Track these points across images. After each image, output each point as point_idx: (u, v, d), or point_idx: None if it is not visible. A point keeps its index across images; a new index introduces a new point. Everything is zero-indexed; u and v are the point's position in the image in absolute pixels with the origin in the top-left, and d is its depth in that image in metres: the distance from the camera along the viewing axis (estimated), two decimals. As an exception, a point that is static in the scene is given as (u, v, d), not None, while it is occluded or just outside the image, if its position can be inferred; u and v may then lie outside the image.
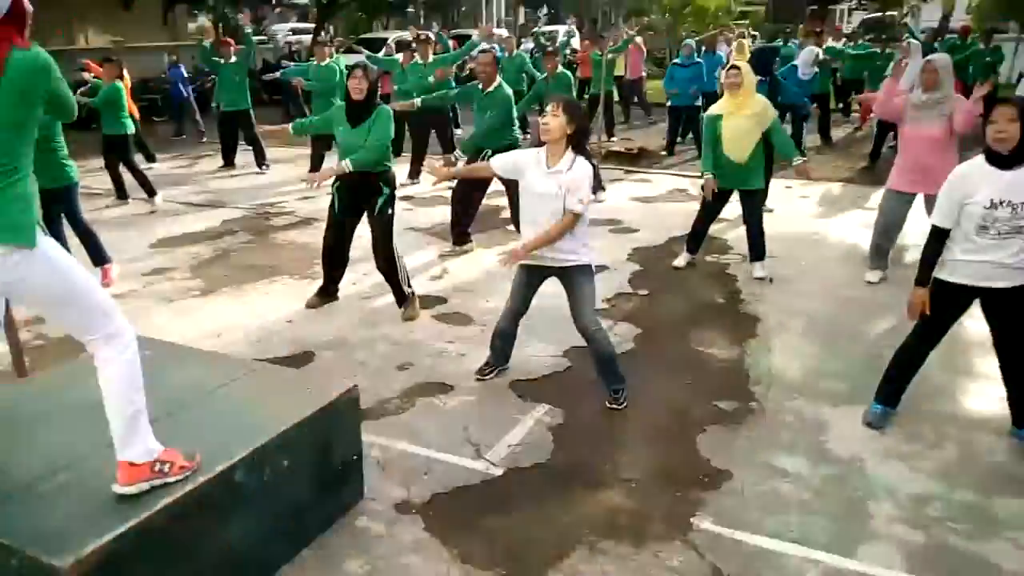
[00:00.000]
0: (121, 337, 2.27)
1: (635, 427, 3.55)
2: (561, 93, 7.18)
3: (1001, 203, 3.03)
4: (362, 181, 4.61)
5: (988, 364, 4.00)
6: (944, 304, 3.32)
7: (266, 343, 4.47)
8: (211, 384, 2.86)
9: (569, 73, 7.93)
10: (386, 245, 4.70)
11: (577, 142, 3.52)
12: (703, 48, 11.45)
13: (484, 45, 7.07)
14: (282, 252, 6.27)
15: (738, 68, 5.31)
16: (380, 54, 12.89)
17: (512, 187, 5.84)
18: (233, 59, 9.01)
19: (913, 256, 5.84)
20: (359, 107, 4.52)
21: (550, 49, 8.02)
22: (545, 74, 7.96)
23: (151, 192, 7.63)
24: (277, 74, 9.58)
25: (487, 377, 4.01)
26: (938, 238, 3.22)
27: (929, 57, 4.92)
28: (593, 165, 3.61)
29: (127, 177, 7.72)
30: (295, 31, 30.52)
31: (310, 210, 7.61)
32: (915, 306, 3.33)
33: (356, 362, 4.24)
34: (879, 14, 26.34)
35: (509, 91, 5.94)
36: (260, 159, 9.48)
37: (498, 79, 5.94)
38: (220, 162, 9.67)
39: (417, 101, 6.32)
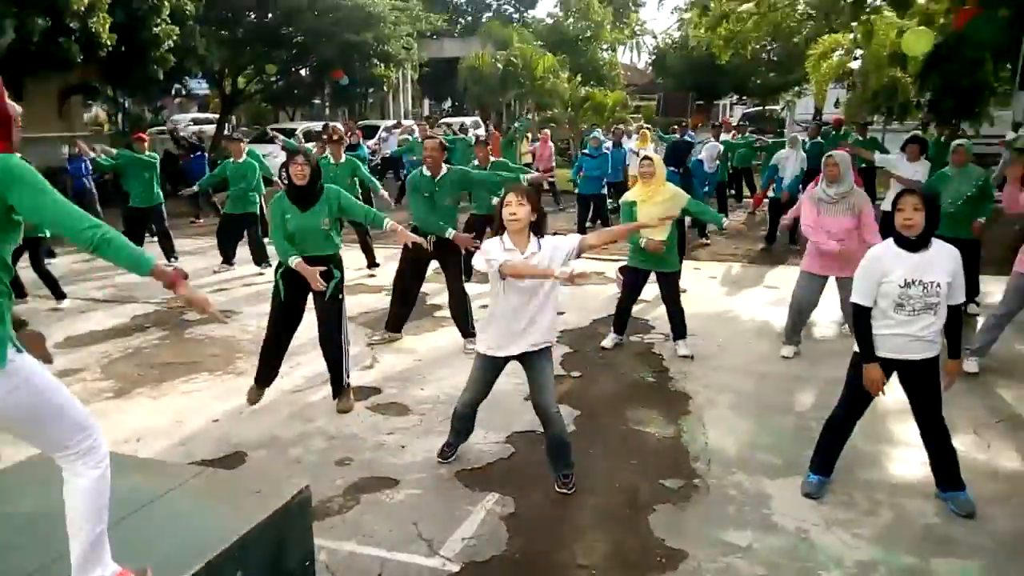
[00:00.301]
0: (97, 451, 2.15)
1: (587, 511, 3.55)
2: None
3: (913, 282, 3.30)
4: (312, 265, 4.50)
5: (907, 431, 4.26)
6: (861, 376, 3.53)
7: (191, 445, 4.23)
8: (153, 492, 2.68)
9: (508, 160, 8.12)
10: (337, 331, 4.60)
11: (537, 228, 3.61)
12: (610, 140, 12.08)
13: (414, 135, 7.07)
14: (199, 348, 6.02)
15: (650, 159, 5.63)
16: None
17: (451, 271, 5.87)
18: (146, 155, 8.80)
19: (822, 332, 6.25)
20: (305, 191, 4.45)
21: (481, 139, 8.24)
22: (476, 163, 7.94)
23: (59, 295, 7.24)
24: (194, 188, 9.35)
25: (449, 460, 3.97)
26: (863, 315, 3.45)
27: (830, 152, 5.37)
28: None
29: (26, 273, 7.29)
30: (196, 121, 30.20)
31: (224, 302, 7.38)
32: (873, 382, 3.43)
33: (291, 460, 4.08)
34: (759, 108, 28.67)
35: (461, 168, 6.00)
36: (169, 252, 9.18)
37: (444, 166, 5.93)
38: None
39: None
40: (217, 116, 26.38)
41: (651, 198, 5.51)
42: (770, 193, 9.97)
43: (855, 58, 16.48)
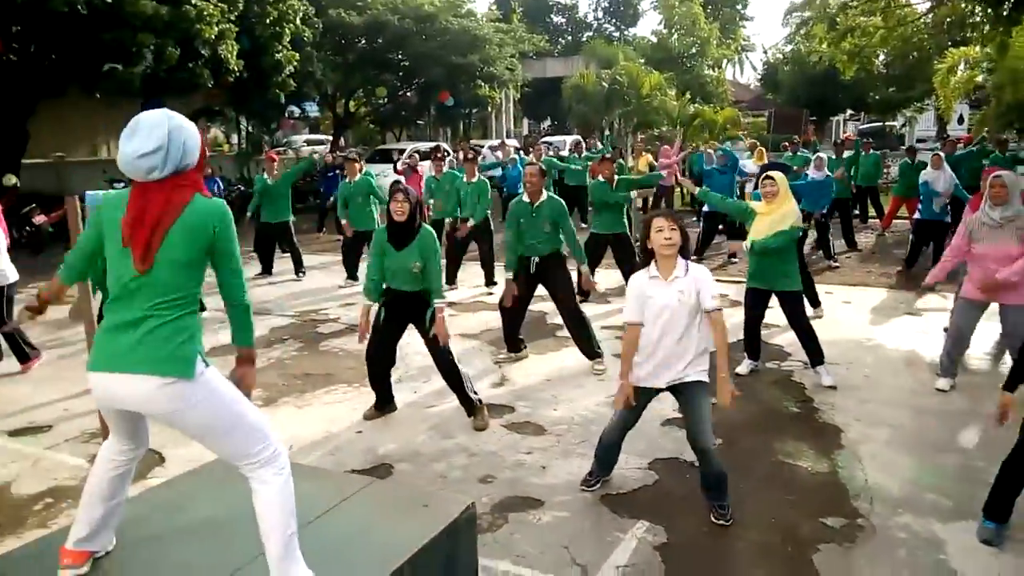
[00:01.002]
0: (279, 458, 2.26)
1: (744, 546, 3.40)
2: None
3: None
4: (408, 297, 4.60)
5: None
6: None
7: (340, 455, 4.34)
8: (327, 501, 2.74)
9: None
10: (445, 356, 4.64)
11: (684, 250, 3.55)
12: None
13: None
14: (336, 360, 6.20)
15: (772, 178, 5.35)
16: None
17: (561, 296, 5.84)
18: (276, 174, 9.25)
19: (978, 364, 5.84)
20: (402, 229, 4.50)
21: (607, 156, 8.18)
22: (602, 179, 7.86)
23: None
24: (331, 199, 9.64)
25: (592, 488, 3.88)
26: None
27: (997, 173, 5.01)
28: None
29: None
30: (309, 142, 31.59)
31: (354, 317, 7.56)
32: (1000, 412, 3.30)
33: (436, 474, 4.11)
34: (877, 124, 27.45)
35: (560, 201, 5.90)
36: (298, 267, 9.58)
37: (544, 192, 5.87)
38: (258, 269, 9.73)
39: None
40: (327, 136, 27.57)
41: (771, 213, 5.30)
42: (916, 215, 9.43)
43: (988, 72, 15.52)
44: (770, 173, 5.46)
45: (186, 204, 2.21)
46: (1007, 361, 5.53)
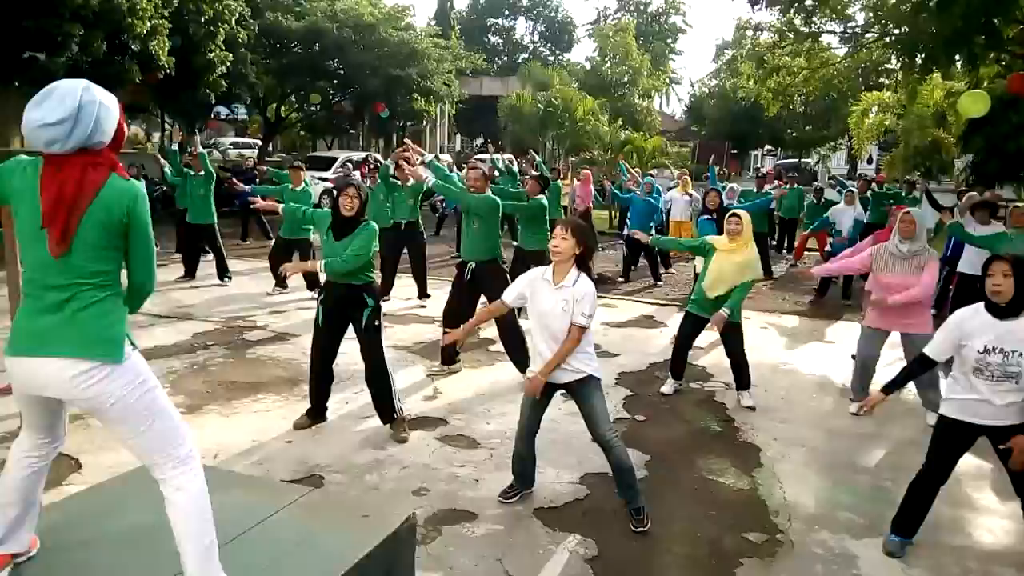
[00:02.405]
0: (192, 460, 2.20)
1: (673, 559, 3.51)
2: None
3: (993, 349, 3.27)
4: (346, 293, 4.59)
5: (988, 497, 4.20)
6: (948, 439, 3.52)
7: (270, 465, 4.25)
8: (263, 511, 2.70)
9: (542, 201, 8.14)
10: (377, 359, 4.64)
11: (582, 262, 3.68)
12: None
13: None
14: (264, 368, 6.07)
15: (739, 216, 5.50)
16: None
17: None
18: (202, 172, 8.99)
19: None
20: (346, 222, 4.53)
21: (533, 175, 8.32)
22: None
23: None
24: (248, 188, 9.46)
25: (510, 500, 3.93)
26: (923, 365, 3.54)
27: (908, 209, 5.37)
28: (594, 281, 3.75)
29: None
30: (236, 145, 30.76)
31: (284, 325, 7.46)
32: (867, 403, 3.76)
33: (368, 486, 4.08)
34: (793, 159, 28.82)
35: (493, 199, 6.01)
36: (223, 272, 9.31)
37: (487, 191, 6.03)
38: (179, 272, 9.42)
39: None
40: (255, 141, 27.01)
41: (731, 253, 5.46)
42: (827, 248, 9.95)
43: (899, 116, 16.58)
44: (736, 211, 5.64)
45: (102, 184, 2.09)
46: (912, 388, 5.89)
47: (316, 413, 4.87)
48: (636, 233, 7.11)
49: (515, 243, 7.95)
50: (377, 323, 4.68)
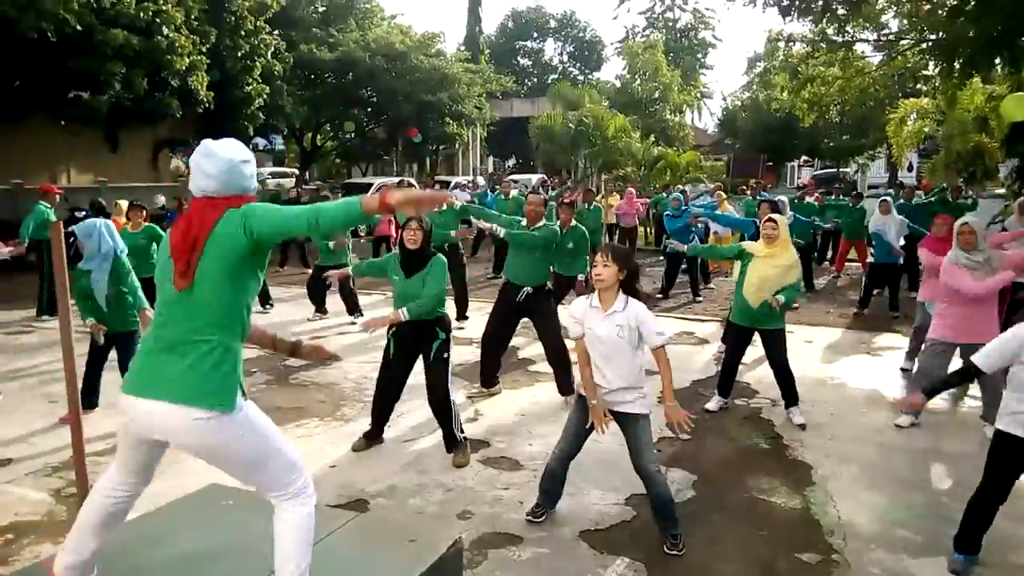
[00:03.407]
0: (307, 491, 2.27)
1: (725, 581, 3.42)
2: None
3: None
4: (421, 327, 4.62)
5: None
6: (1006, 454, 3.39)
7: (315, 490, 4.26)
8: (315, 535, 2.69)
9: (584, 229, 8.09)
10: (443, 389, 4.65)
11: (628, 286, 3.63)
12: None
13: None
14: (306, 394, 6.13)
15: (775, 221, 5.44)
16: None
17: (548, 330, 5.89)
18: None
19: (938, 403, 5.97)
20: (414, 256, 4.57)
21: (566, 201, 8.30)
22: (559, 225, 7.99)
23: None
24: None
25: (539, 520, 3.89)
26: (966, 375, 3.45)
27: (964, 219, 5.21)
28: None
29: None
30: (274, 175, 31.42)
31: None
32: (906, 402, 3.82)
33: (413, 510, 4.06)
34: (831, 170, 28.42)
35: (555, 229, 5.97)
36: (265, 299, 9.46)
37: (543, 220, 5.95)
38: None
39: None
40: (292, 170, 27.49)
41: (771, 258, 5.39)
42: (869, 259, 9.74)
43: (939, 122, 16.25)
44: (773, 216, 5.58)
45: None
46: (967, 400, 5.72)
47: (374, 436, 4.92)
48: (674, 243, 7.07)
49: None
50: (446, 355, 4.71)
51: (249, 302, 2.26)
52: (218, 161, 2.19)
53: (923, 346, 5.43)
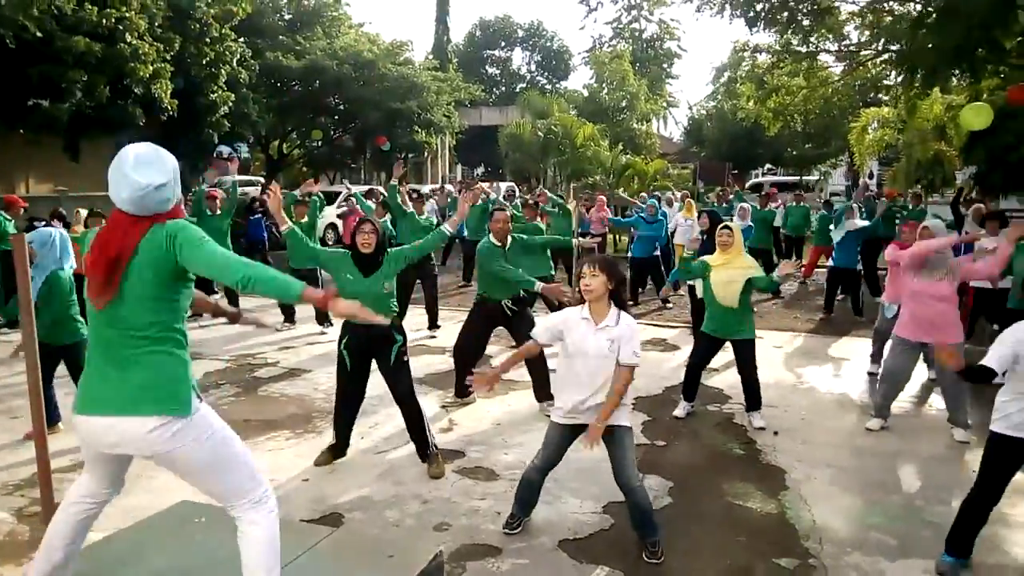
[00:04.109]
0: (268, 501, 2.22)
1: (704, 588, 3.42)
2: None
3: None
4: (373, 333, 4.51)
5: (1018, 512, 4.09)
6: (1003, 456, 3.40)
7: (287, 504, 4.16)
8: (289, 552, 2.62)
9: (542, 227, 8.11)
10: (408, 394, 4.58)
11: (617, 297, 3.62)
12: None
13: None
14: (276, 406, 6.01)
15: (730, 228, 5.55)
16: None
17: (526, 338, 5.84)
18: (219, 212, 9.01)
19: (907, 405, 6.08)
20: (369, 259, 4.49)
21: (530, 202, 8.31)
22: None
23: None
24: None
25: (514, 532, 3.85)
26: (983, 375, 3.30)
27: (925, 224, 5.34)
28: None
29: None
30: (239, 183, 30.80)
31: (294, 361, 7.42)
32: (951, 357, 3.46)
33: (389, 523, 3.99)
34: (795, 177, 28.87)
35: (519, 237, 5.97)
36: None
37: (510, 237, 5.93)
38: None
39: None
40: (258, 178, 27.15)
41: (728, 264, 5.47)
42: (828, 262, 9.91)
43: (899, 131, 16.62)
44: (728, 224, 5.68)
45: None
46: (934, 401, 5.82)
47: (339, 450, 4.81)
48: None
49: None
50: (405, 358, 4.63)
51: (184, 312, 2.25)
52: (132, 185, 2.12)
53: (889, 344, 5.52)
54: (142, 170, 2.13)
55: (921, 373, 5.86)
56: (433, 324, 8.70)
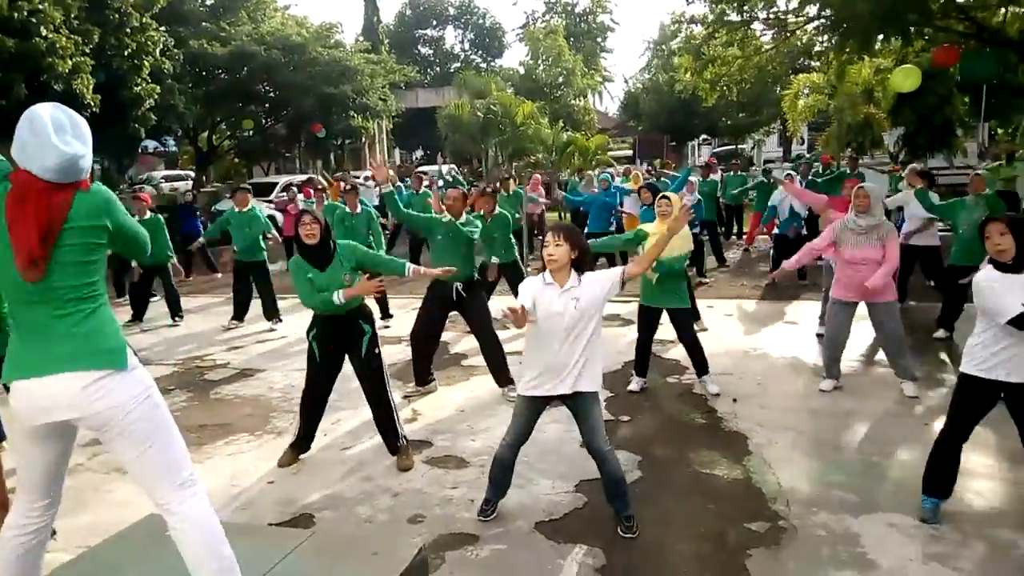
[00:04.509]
0: (196, 484, 2.20)
1: (682, 559, 3.47)
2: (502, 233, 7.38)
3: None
4: (341, 324, 4.45)
5: (977, 460, 4.27)
6: (973, 396, 3.53)
7: (255, 509, 4.08)
8: (268, 559, 2.56)
9: (507, 215, 8.03)
10: (381, 389, 4.51)
11: (580, 267, 3.62)
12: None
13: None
14: (231, 408, 5.85)
15: (668, 198, 5.60)
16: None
17: (480, 324, 5.81)
18: (148, 215, 8.61)
19: (856, 365, 6.27)
20: (318, 250, 4.38)
21: (488, 190, 8.23)
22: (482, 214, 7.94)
23: None
24: (201, 240, 9.57)
25: (489, 518, 3.84)
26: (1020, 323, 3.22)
27: (861, 184, 5.50)
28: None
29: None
30: (167, 178, 29.99)
31: (244, 360, 7.23)
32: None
33: (362, 519, 3.94)
34: (729, 147, 29.43)
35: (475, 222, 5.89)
36: (175, 311, 8.98)
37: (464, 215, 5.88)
38: (128, 316, 9.02)
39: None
40: (187, 172, 26.27)
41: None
42: (775, 230, 10.12)
43: (830, 96, 17.06)
44: (666, 194, 5.72)
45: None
46: (882, 359, 6.02)
47: (301, 446, 4.70)
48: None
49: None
50: (377, 350, 4.55)
51: (103, 268, 2.26)
52: (60, 155, 2.09)
53: (828, 307, 5.71)
54: (67, 139, 2.12)
55: (869, 332, 6.04)
56: (385, 314, 8.58)
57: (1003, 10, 11.02)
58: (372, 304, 8.56)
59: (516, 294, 7.67)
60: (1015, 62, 11.55)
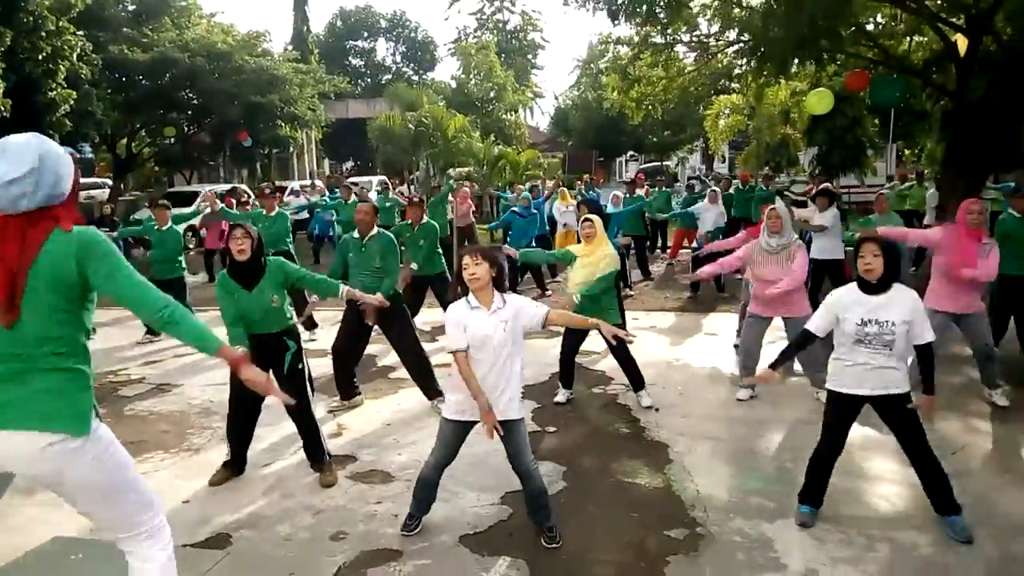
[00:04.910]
0: (163, 532, 2.10)
1: (603, 568, 3.52)
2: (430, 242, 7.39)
3: (870, 321, 3.60)
4: (267, 341, 4.37)
5: (878, 466, 4.49)
6: (839, 411, 3.81)
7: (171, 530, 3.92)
8: (179, 584, 2.47)
9: (435, 224, 8.02)
10: (303, 403, 4.42)
11: (499, 283, 3.67)
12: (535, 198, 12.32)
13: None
14: (146, 425, 5.63)
15: (591, 220, 5.71)
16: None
17: (401, 340, 5.76)
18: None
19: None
20: (248, 267, 4.29)
21: (415, 200, 8.19)
22: (410, 223, 7.90)
23: None
24: (114, 234, 9.14)
25: (413, 533, 3.81)
26: (805, 339, 3.88)
27: (773, 206, 5.72)
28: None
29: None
30: (83, 186, 28.57)
31: (160, 375, 6.98)
32: (760, 378, 4.27)
33: (281, 538, 3.83)
34: (655, 163, 30.19)
35: (390, 237, 5.85)
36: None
37: (376, 229, 5.87)
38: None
39: None
40: (104, 180, 25.25)
41: (590, 254, 5.64)
42: (693, 245, 10.44)
43: (749, 116, 17.73)
44: (589, 216, 5.81)
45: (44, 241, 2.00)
46: (798, 369, 6.26)
47: (237, 466, 4.58)
48: (507, 249, 7.13)
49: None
50: (300, 366, 4.48)
51: (89, 324, 2.12)
52: (25, 158, 1.96)
53: (744, 321, 5.93)
54: (39, 142, 2.01)
55: (782, 343, 6.26)
56: (310, 326, 8.43)
57: (908, 39, 11.75)
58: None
59: (444, 307, 7.74)
60: (919, 87, 12.30)
